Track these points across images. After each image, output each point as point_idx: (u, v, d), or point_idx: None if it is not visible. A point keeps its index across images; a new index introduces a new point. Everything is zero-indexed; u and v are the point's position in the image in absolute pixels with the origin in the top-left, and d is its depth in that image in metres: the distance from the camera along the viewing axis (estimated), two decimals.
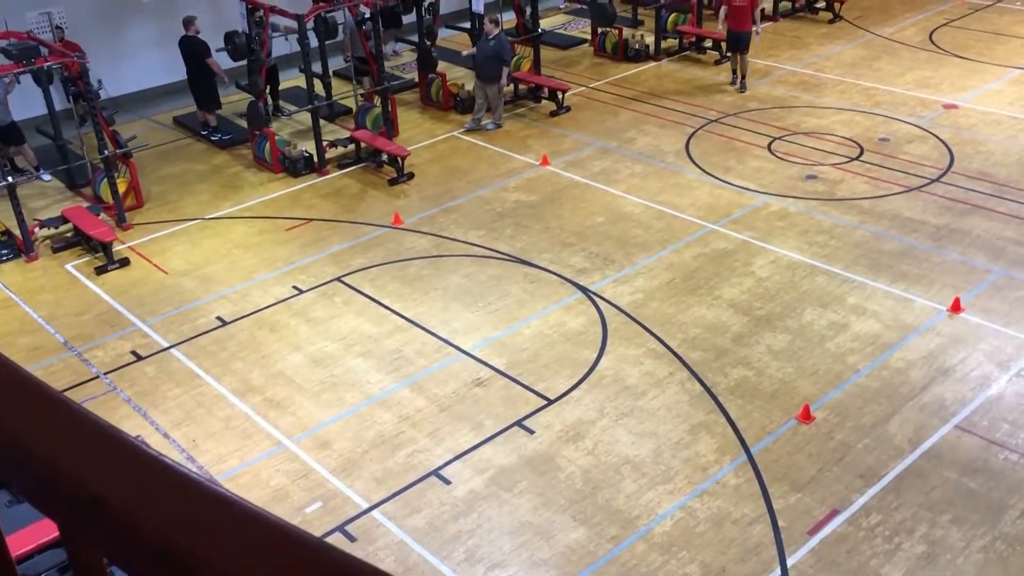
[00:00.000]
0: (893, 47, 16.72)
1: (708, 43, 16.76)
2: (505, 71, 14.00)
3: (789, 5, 18.90)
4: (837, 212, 11.39)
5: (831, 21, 18.27)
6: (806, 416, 8.09)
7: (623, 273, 10.46)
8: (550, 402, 8.54)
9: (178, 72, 14.52)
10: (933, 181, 11.94)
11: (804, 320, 9.44)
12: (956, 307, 9.38)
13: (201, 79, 14.20)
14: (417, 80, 15.83)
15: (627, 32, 17.23)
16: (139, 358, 9.51)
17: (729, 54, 15.52)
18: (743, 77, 15.11)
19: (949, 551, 6.74)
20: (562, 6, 20.02)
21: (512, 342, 9.43)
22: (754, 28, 14.82)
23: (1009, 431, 7.82)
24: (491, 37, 13.78)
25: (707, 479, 7.54)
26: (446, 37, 17.04)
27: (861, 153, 12.82)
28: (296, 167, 13.31)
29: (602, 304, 9.93)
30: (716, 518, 7.15)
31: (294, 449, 8.18)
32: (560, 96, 14.94)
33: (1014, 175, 11.91)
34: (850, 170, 12.39)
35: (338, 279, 10.71)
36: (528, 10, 15.39)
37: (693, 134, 13.77)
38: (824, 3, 18.63)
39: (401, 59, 17.82)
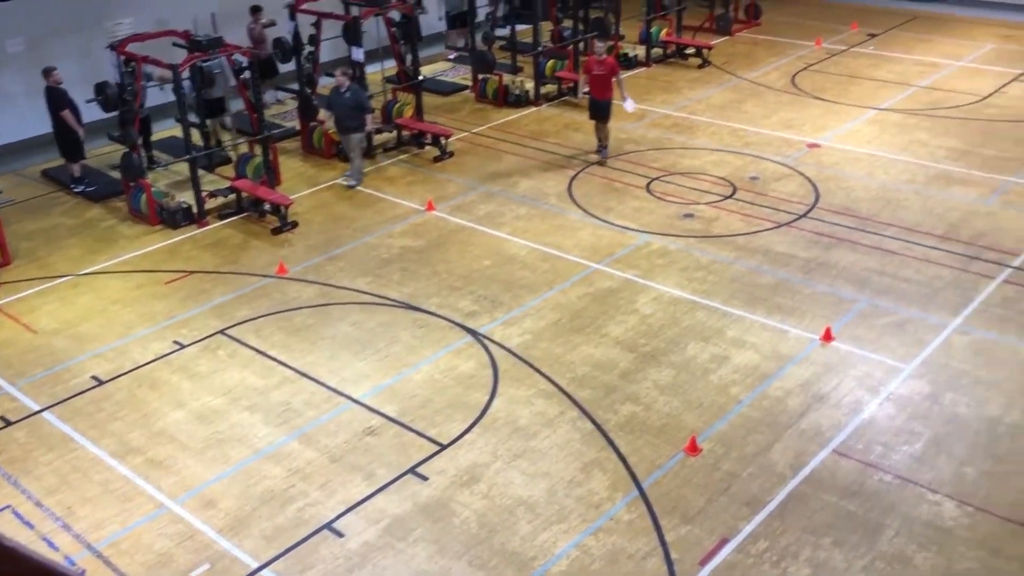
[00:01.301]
0: (759, 90, 17.56)
1: (586, 88, 17.18)
2: (369, 118, 13.90)
3: (661, 51, 19.65)
4: (714, 249, 11.81)
5: (700, 66, 19.07)
6: (693, 448, 8.30)
7: (511, 315, 10.56)
8: (443, 447, 8.50)
9: (47, 124, 14.00)
10: (801, 217, 12.53)
11: (687, 354, 9.71)
12: (828, 336, 9.83)
13: (63, 130, 13.75)
14: (298, 128, 15.72)
15: (507, 78, 17.57)
16: (7, 423, 9.03)
17: (594, 124, 14.66)
18: (604, 145, 14.59)
19: (832, 573, 6.98)
20: (451, 57, 20.24)
21: (403, 388, 9.37)
22: (625, 98, 14.30)
23: (882, 453, 8.20)
24: (344, 89, 13.66)
25: (601, 516, 7.62)
26: (327, 85, 16.97)
27: (734, 191, 13.36)
28: (175, 219, 12.98)
29: (492, 346, 9.99)
30: (611, 554, 7.23)
31: (178, 511, 7.88)
32: (443, 142, 15.07)
33: (874, 209, 12.62)
34: (724, 208, 12.89)
35: (221, 332, 10.44)
36: (409, 57, 15.52)
37: (575, 176, 14.09)
38: (693, 50, 19.45)
39: (284, 107, 17.66)
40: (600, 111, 14.44)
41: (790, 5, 23.31)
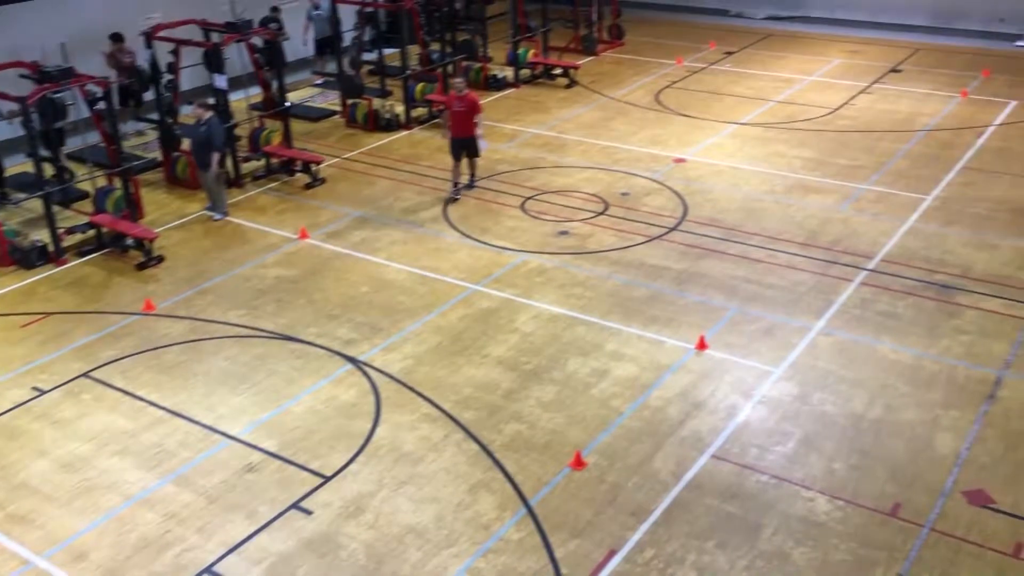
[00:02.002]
0: (625, 108, 18.02)
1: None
2: (215, 157, 13.27)
3: (529, 72, 19.95)
4: (589, 264, 12.00)
5: (568, 86, 19.44)
6: (578, 463, 8.37)
7: (391, 340, 10.45)
8: (327, 479, 8.31)
9: None
10: (671, 230, 12.88)
11: (569, 370, 9.82)
12: (702, 344, 10.11)
13: None
14: (161, 159, 15.20)
15: (377, 102, 17.48)
16: None
17: (454, 162, 14.08)
18: (472, 175, 14.36)
19: (717, 575, 7.15)
20: (319, 83, 19.97)
21: (283, 422, 9.12)
22: (480, 136, 13.90)
23: (758, 455, 8.47)
24: (202, 122, 13.26)
25: (490, 537, 7.59)
26: (190, 114, 16.49)
27: (606, 208, 13.64)
28: (29, 258, 12.31)
29: (373, 373, 9.85)
30: (502, 575, 7.19)
31: (44, 566, 7.43)
32: (314, 168, 14.85)
33: (739, 219, 13.10)
34: (598, 224, 13.13)
35: (85, 375, 9.94)
36: (275, 83, 15.24)
37: (450, 198, 14.09)
38: (561, 70, 19.83)
39: (145, 138, 17.05)
40: (464, 148, 13.98)
41: (651, 26, 24.08)
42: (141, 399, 9.52)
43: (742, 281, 11.45)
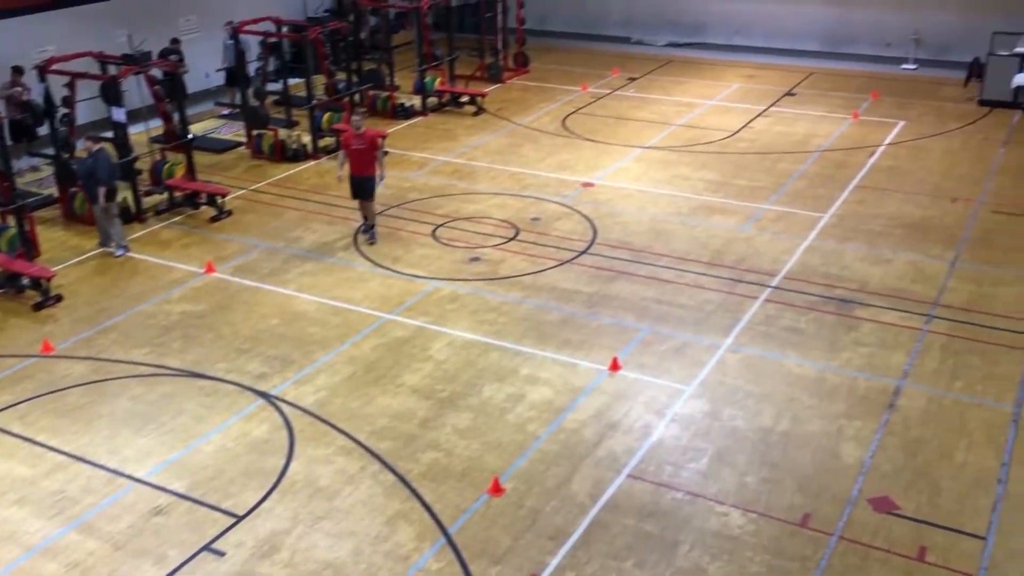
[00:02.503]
0: (533, 135, 18.23)
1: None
2: (101, 191, 12.89)
3: (436, 100, 20.02)
4: (502, 290, 12.05)
5: (476, 114, 19.58)
6: (496, 489, 8.36)
7: (304, 373, 10.28)
8: (239, 519, 8.10)
9: None
10: (582, 253, 13.05)
11: (484, 396, 9.81)
12: (615, 366, 10.24)
13: None
14: (57, 195, 14.71)
15: (283, 133, 17.29)
16: None
17: (357, 200, 13.63)
18: (372, 225, 13.55)
19: None
20: (224, 114, 19.65)
21: (192, 461, 8.87)
22: (379, 174, 13.39)
23: (673, 472, 8.60)
24: (91, 154, 12.88)
25: (409, 568, 7.50)
26: (81, 148, 16.01)
27: (517, 233, 13.73)
28: None
29: (285, 408, 9.67)
30: None
31: None
32: (219, 201, 14.57)
33: (648, 242, 13.35)
34: (509, 250, 13.21)
35: None
36: (176, 116, 14.94)
37: (360, 228, 13.99)
38: (468, 98, 19.96)
39: (40, 173, 16.48)
40: (362, 189, 13.39)
41: (555, 53, 24.46)
42: (41, 444, 9.14)
43: (652, 302, 11.65)
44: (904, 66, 22.37)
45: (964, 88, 20.16)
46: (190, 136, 15.21)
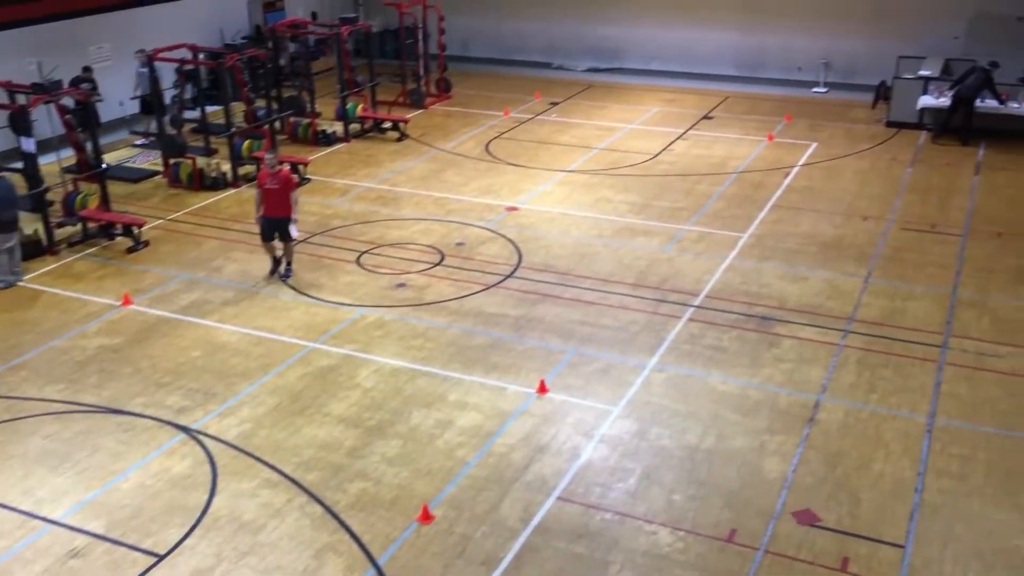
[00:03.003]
0: (456, 160, 18.28)
1: (286, 165, 17.06)
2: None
3: (359, 127, 19.95)
4: (428, 315, 12.01)
5: (399, 140, 19.56)
6: (426, 517, 8.28)
7: (227, 405, 10.07)
8: (161, 558, 7.86)
9: None
10: (507, 277, 13.09)
11: (412, 423, 9.74)
12: (542, 388, 10.27)
13: None
14: None
15: (201, 161, 17.00)
16: None
17: (264, 244, 13.12)
18: (288, 263, 13.12)
19: None
20: (139, 143, 19.23)
21: (110, 500, 8.58)
22: (295, 219, 12.79)
23: (601, 493, 8.64)
24: None
25: None
26: None
27: (442, 258, 13.72)
28: None
29: (208, 441, 9.44)
30: None
31: None
32: (136, 231, 14.23)
33: (572, 264, 13.47)
34: (435, 275, 13.19)
35: None
36: (89, 145, 14.57)
37: (270, 271, 13.79)
38: (390, 124, 19.93)
39: None
40: (278, 230, 12.82)
41: (477, 78, 24.62)
42: None
43: (578, 324, 11.74)
44: (815, 89, 23.11)
45: (872, 110, 20.93)
46: (104, 166, 14.85)
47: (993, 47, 20.51)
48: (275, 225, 12.86)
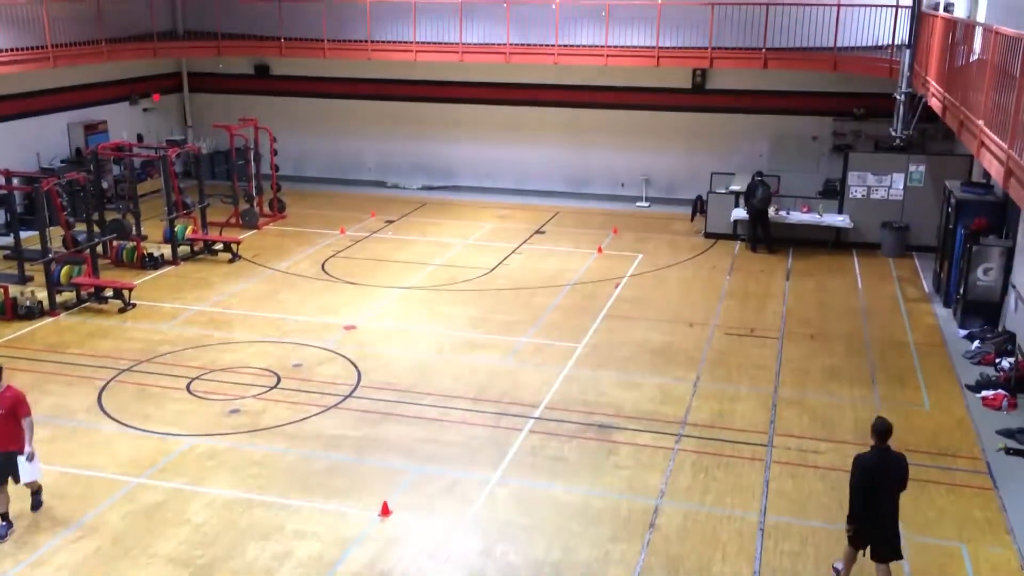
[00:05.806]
0: (292, 279, 18.03)
1: (109, 292, 16.35)
2: None
3: (188, 249, 19.42)
4: (264, 441, 11.57)
5: (231, 261, 19.15)
6: None
7: (40, 553, 9.25)
8: None
9: None
10: (347, 397, 12.85)
11: (248, 558, 9.24)
12: (385, 510, 10.01)
13: None
14: None
15: (14, 289, 16.03)
16: None
17: None
18: (35, 495, 10.01)
19: None
20: None
21: None
22: (29, 451, 9.53)
23: None
24: None
25: None
26: None
27: (279, 381, 13.34)
28: None
29: None
30: None
31: None
32: None
33: (412, 381, 13.39)
34: (271, 399, 12.78)
35: None
36: None
37: (104, 387, 13.07)
38: (222, 245, 19.52)
39: None
40: (8, 469, 9.57)
41: (311, 198, 24.61)
42: None
43: (420, 441, 11.60)
44: (638, 204, 24.40)
45: (691, 222, 22.25)
46: None
47: (795, 163, 22.46)
48: (3, 461, 9.54)
